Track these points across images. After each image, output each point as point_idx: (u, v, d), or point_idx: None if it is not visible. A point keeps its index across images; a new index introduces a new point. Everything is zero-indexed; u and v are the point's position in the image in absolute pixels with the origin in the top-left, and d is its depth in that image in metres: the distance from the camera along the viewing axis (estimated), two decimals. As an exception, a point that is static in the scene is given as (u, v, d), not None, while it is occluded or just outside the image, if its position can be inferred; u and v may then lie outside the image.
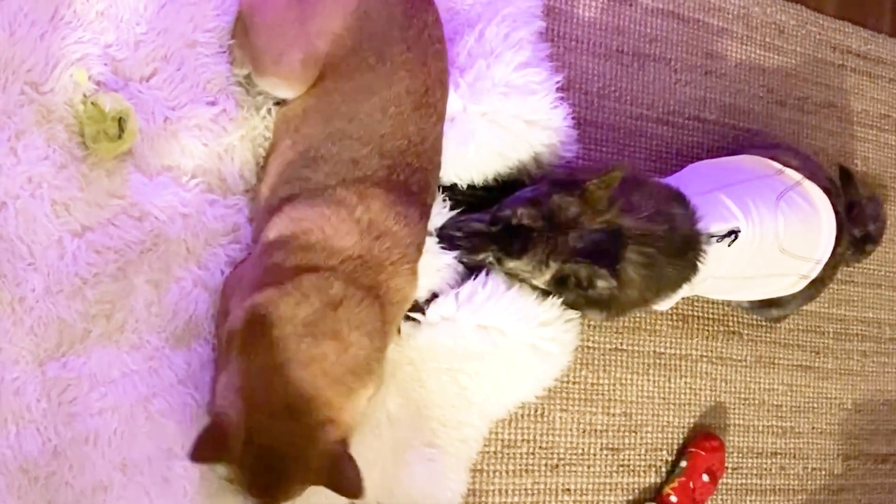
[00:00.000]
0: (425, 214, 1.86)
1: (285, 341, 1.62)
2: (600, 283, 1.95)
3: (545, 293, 2.08)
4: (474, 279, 2.05)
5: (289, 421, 1.59)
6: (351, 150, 1.76)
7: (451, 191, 2.10)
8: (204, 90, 1.89)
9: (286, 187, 1.78)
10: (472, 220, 2.02)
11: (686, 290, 2.16)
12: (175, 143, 1.85)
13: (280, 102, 1.92)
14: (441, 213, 2.05)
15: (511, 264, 1.99)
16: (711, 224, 2.08)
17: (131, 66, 1.83)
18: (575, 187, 1.94)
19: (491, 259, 2.02)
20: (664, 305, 2.21)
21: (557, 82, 2.15)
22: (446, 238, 2.01)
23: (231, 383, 1.61)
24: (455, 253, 2.03)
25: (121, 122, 1.75)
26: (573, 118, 2.21)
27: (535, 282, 2.02)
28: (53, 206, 1.73)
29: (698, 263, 2.07)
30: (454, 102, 1.98)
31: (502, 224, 1.98)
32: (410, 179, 1.81)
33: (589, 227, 1.94)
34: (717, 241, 2.07)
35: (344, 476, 1.59)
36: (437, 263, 2.01)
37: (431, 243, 2.00)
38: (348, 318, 1.68)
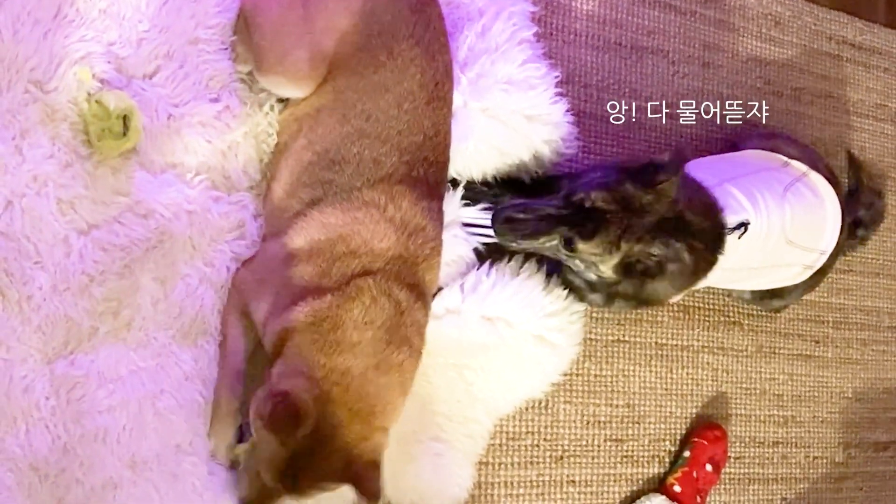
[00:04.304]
0: (442, 207, 1.90)
1: (367, 346, 1.70)
2: (671, 267, 1.95)
3: (549, 279, 2.10)
4: (478, 269, 2.05)
5: (356, 421, 1.66)
6: (371, 150, 1.78)
7: (469, 187, 2.11)
8: (207, 87, 1.89)
9: (307, 190, 1.80)
10: (539, 204, 1.98)
11: (699, 284, 2.17)
12: (179, 140, 1.85)
13: (283, 101, 1.92)
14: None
15: (582, 246, 1.96)
16: (726, 217, 2.09)
17: (134, 63, 1.83)
18: (641, 174, 1.93)
19: (556, 243, 1.98)
20: (676, 298, 2.22)
21: (556, 77, 2.16)
22: (509, 220, 1.96)
23: (296, 371, 1.65)
24: (467, 244, 2.03)
25: (125, 119, 1.75)
26: (572, 113, 2.21)
27: (602, 267, 1.99)
28: (59, 205, 1.73)
29: (718, 256, 2.07)
30: (455, 98, 1.97)
31: (575, 207, 1.96)
32: (428, 173, 1.84)
33: (664, 214, 1.93)
34: (729, 234, 2.08)
35: (374, 484, 1.66)
36: (447, 257, 2.00)
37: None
38: (412, 322, 1.77)
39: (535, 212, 1.97)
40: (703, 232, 2.03)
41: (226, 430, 1.83)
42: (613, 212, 1.93)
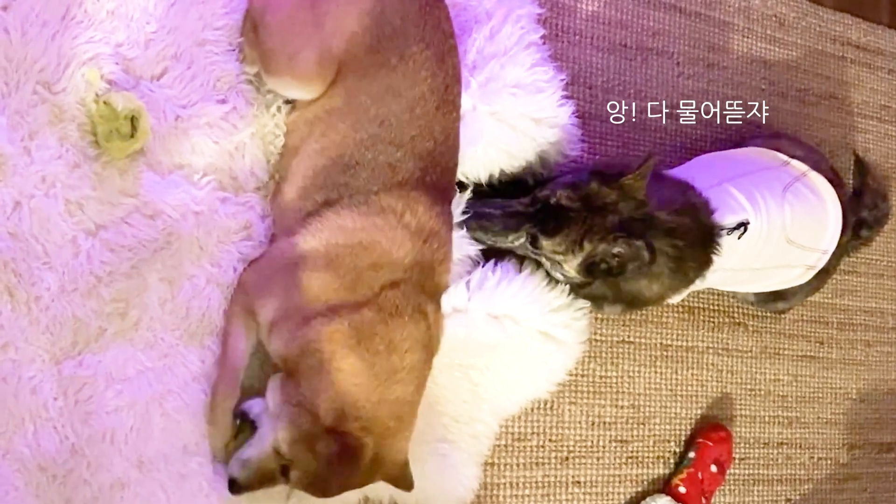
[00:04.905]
0: (451, 211, 1.91)
1: (415, 370, 1.75)
2: (631, 266, 1.95)
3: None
4: (483, 266, 2.06)
5: (395, 439, 1.75)
6: (386, 155, 1.79)
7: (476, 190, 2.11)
8: (214, 88, 1.89)
9: (322, 192, 1.80)
10: (510, 201, 2.02)
11: (698, 284, 2.17)
12: (186, 141, 1.86)
13: (291, 102, 1.93)
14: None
15: (545, 243, 1.99)
16: (723, 216, 2.09)
17: (142, 64, 1.83)
18: (613, 178, 1.95)
19: (524, 240, 2.02)
20: (676, 299, 2.23)
21: (562, 80, 2.16)
22: (480, 216, 2.01)
23: (345, 403, 1.69)
24: (476, 244, 2.04)
25: (133, 120, 1.75)
26: (577, 114, 2.22)
27: (566, 266, 2.02)
28: (67, 205, 1.73)
29: (713, 256, 2.08)
30: (464, 102, 1.97)
31: (540, 204, 1.99)
32: (440, 178, 1.85)
33: (628, 214, 1.95)
34: (728, 234, 2.08)
35: (408, 479, 1.81)
36: (454, 257, 2.00)
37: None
38: (436, 335, 1.84)
39: (505, 208, 2.01)
40: (687, 231, 2.03)
41: (224, 430, 1.82)
42: (576, 210, 1.95)
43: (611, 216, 1.95)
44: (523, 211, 2.01)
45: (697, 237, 2.05)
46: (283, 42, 1.81)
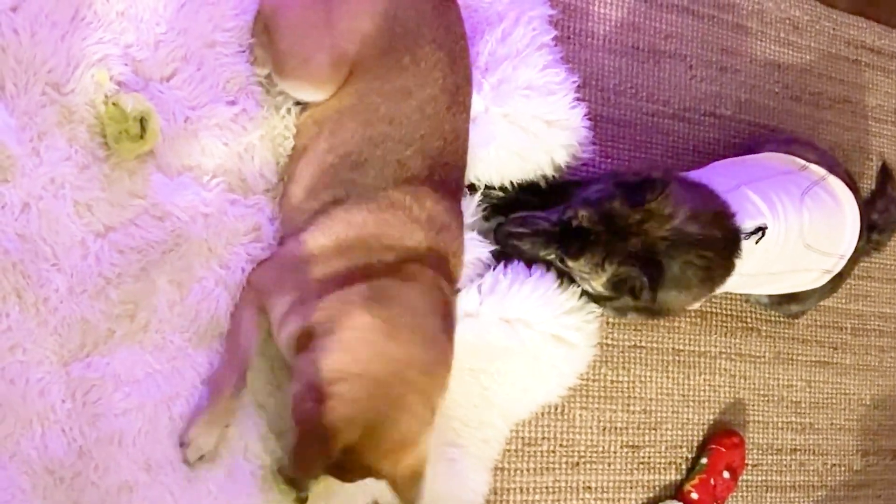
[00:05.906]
0: (461, 210, 1.91)
1: (427, 332, 1.71)
2: (644, 295, 1.94)
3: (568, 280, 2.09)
4: (494, 269, 2.05)
5: (406, 418, 1.65)
6: (395, 153, 1.78)
7: (487, 192, 2.11)
8: (224, 90, 1.89)
9: (329, 191, 1.79)
10: (538, 219, 2.02)
11: (719, 288, 2.15)
12: (196, 142, 1.85)
13: (301, 103, 1.92)
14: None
15: (571, 264, 2.00)
16: (742, 220, 2.07)
17: (151, 66, 1.82)
18: (636, 189, 1.92)
19: (553, 257, 2.02)
20: (695, 305, 2.21)
21: (574, 82, 2.15)
22: (510, 235, 2.01)
23: (344, 369, 1.63)
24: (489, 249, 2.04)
25: (142, 122, 1.75)
26: (589, 117, 2.20)
27: (593, 283, 2.02)
28: (76, 207, 1.73)
29: (735, 262, 2.06)
30: (476, 103, 1.98)
31: (563, 225, 1.98)
32: (449, 177, 1.85)
33: (655, 235, 1.94)
34: (745, 239, 2.07)
35: (415, 494, 1.67)
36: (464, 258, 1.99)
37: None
38: (454, 313, 1.80)
39: (533, 226, 2.00)
40: (714, 240, 2.02)
41: (214, 428, 1.78)
42: (598, 232, 1.94)
43: (634, 238, 1.93)
44: (549, 230, 2.00)
45: (723, 245, 2.04)
46: (296, 44, 1.80)
